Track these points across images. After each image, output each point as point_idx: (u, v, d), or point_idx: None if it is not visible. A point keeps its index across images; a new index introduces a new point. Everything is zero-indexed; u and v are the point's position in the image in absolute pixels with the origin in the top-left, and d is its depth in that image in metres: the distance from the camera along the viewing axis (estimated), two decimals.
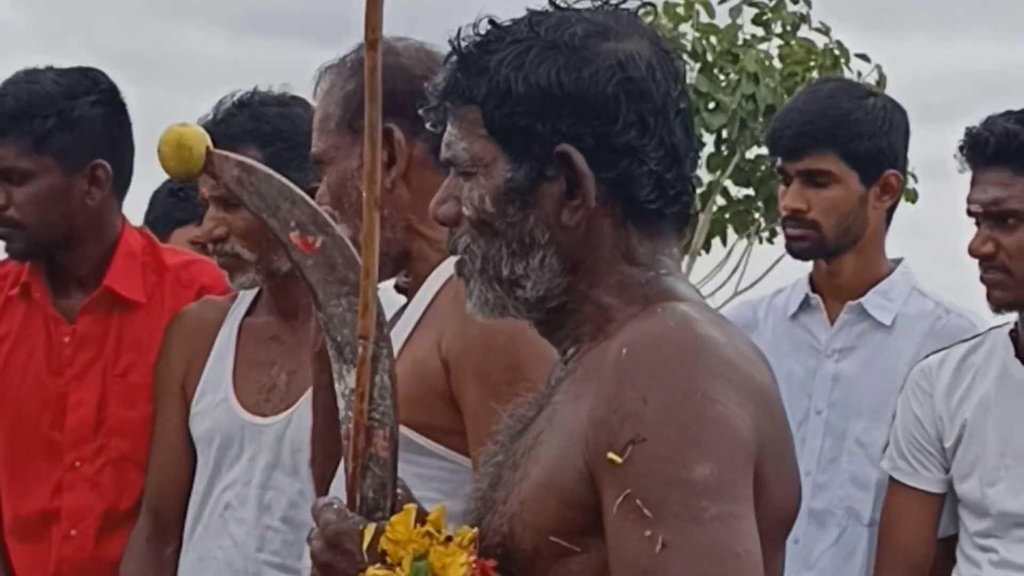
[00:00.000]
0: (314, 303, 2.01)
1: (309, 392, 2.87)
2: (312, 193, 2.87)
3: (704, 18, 12.41)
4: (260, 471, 3.04)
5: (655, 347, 1.75)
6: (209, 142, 2.05)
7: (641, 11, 1.92)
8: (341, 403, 1.95)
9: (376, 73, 1.90)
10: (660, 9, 11.98)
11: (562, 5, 1.90)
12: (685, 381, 1.72)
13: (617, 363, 1.75)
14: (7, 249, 3.36)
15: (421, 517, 1.86)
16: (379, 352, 1.94)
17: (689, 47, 11.96)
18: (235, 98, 3.10)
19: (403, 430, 2.32)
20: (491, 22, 1.90)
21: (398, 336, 2.44)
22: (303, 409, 2.96)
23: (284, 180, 2.04)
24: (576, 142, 1.83)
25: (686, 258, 12.33)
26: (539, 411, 1.90)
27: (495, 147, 1.86)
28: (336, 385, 1.97)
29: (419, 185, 2.48)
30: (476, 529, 1.85)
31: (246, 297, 3.19)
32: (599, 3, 1.91)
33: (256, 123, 3.04)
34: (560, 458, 1.79)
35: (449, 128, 1.91)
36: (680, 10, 12.42)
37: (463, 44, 1.90)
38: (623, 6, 1.91)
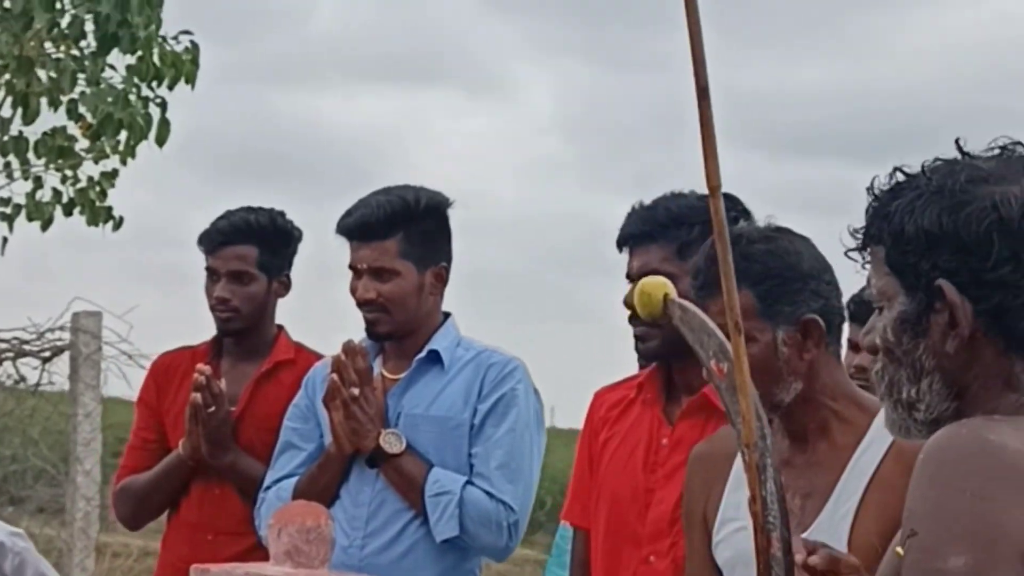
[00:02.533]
0: (730, 421, 2.35)
1: (823, 515, 2.98)
2: (828, 315, 3.04)
3: None
4: None
5: (942, 452, 1.94)
6: (670, 290, 2.49)
7: None
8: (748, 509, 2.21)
9: None
10: None
11: (960, 155, 2.11)
12: (958, 481, 1.90)
13: (916, 466, 1.96)
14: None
15: None
16: (764, 462, 2.20)
17: None
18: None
19: None
20: (899, 170, 2.13)
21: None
22: (818, 533, 2.97)
23: (703, 316, 2.42)
24: (953, 277, 2.03)
25: None
26: None
27: (895, 283, 2.09)
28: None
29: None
30: None
31: None
32: (995, 149, 2.11)
33: (746, 263, 3.05)
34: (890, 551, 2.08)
35: (869, 267, 2.16)
36: None
37: (877, 191, 2.14)
38: (1019, 151, 2.11)
